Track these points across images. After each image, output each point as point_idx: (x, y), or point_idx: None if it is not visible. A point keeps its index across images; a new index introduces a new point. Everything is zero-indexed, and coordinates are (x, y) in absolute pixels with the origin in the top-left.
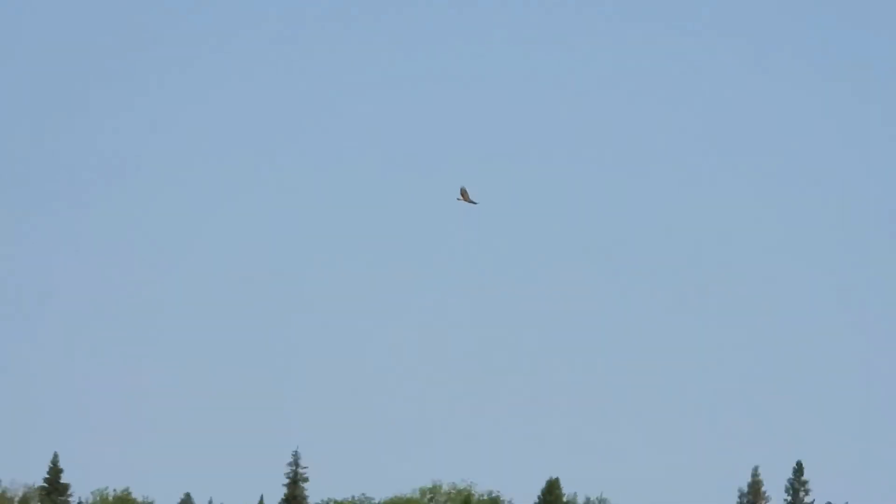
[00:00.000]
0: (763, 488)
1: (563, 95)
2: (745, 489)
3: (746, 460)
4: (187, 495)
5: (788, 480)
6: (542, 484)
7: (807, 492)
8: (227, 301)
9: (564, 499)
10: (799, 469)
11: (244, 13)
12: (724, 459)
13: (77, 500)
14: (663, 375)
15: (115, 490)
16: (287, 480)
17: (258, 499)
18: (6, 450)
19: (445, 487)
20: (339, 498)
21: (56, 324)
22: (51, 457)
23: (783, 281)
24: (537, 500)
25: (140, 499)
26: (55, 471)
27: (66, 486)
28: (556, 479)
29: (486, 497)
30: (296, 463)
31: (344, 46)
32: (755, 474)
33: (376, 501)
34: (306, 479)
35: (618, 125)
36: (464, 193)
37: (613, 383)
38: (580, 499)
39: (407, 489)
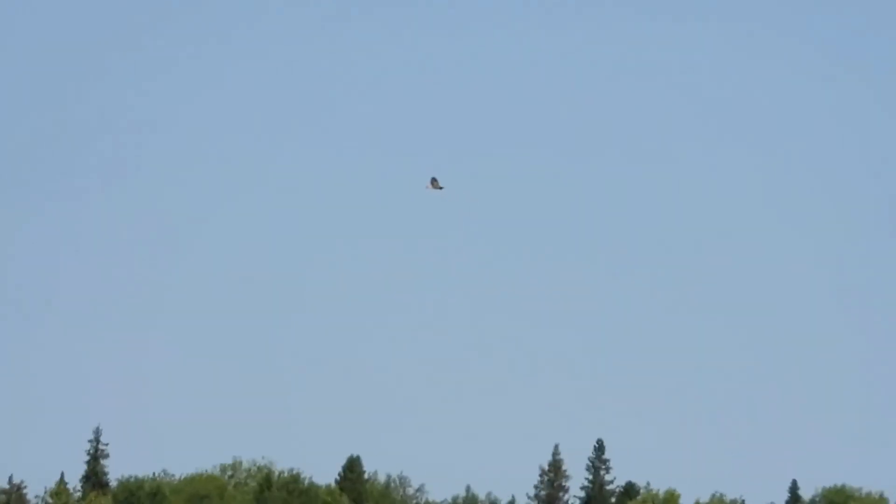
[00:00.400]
0: (564, 467)
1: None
2: (547, 467)
3: (547, 439)
4: None
5: (589, 459)
6: (343, 462)
7: (608, 470)
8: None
9: (365, 476)
10: (600, 447)
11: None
12: (526, 438)
13: None
14: (464, 355)
15: None
16: (88, 457)
17: (59, 475)
18: None
19: (246, 465)
20: (139, 475)
21: None
22: None
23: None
24: (338, 478)
25: None
26: None
27: None
28: (357, 457)
29: (286, 475)
30: (97, 440)
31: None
32: (556, 453)
33: (177, 478)
34: (107, 456)
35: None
36: (433, 182)
37: (413, 363)
38: (381, 476)
39: (207, 466)
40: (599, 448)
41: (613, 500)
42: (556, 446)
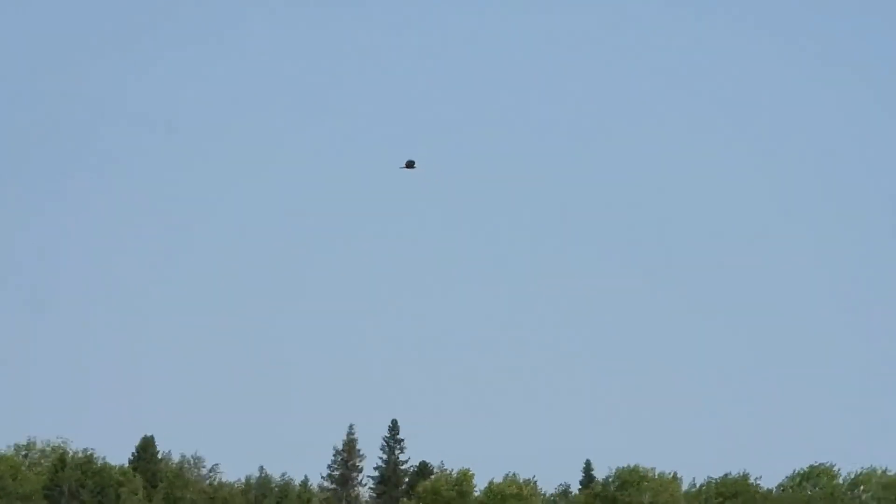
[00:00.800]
0: (358, 446)
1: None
2: (341, 447)
3: (342, 419)
4: None
5: (384, 439)
6: (137, 442)
7: (402, 450)
8: None
9: (159, 456)
10: (394, 427)
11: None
12: (320, 418)
13: None
14: (258, 334)
15: None
16: None
17: None
18: None
19: (40, 444)
20: None
21: None
22: None
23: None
24: (132, 458)
25: None
26: None
27: None
28: (151, 437)
29: (80, 455)
30: None
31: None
32: (350, 432)
33: None
34: None
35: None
36: (408, 164)
37: (206, 343)
38: (175, 457)
39: (1, 446)
40: (394, 428)
41: (407, 479)
42: (351, 426)
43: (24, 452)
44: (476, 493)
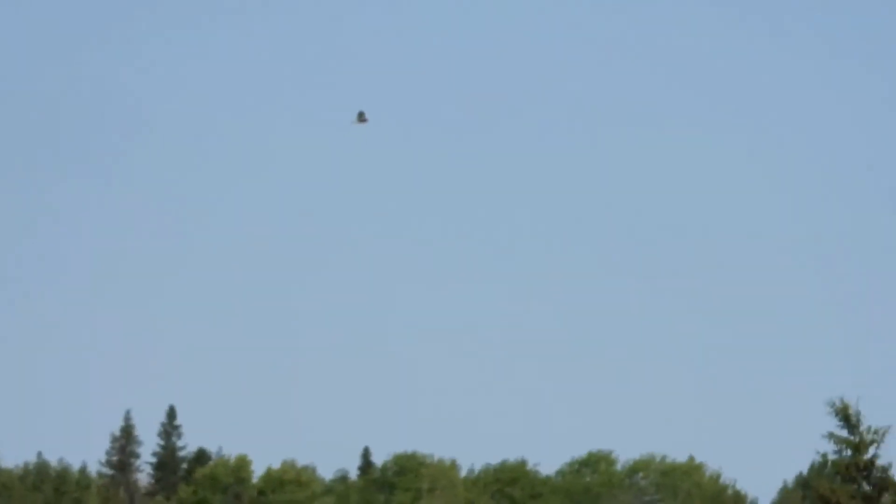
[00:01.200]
0: (135, 433)
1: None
2: (118, 433)
3: (119, 405)
4: None
5: (161, 424)
6: None
7: (179, 436)
8: None
9: None
10: (171, 413)
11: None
12: (97, 404)
13: None
14: (44, 315)
15: None
16: None
17: None
18: None
19: None
20: None
21: None
22: None
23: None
24: None
25: None
26: None
27: None
28: None
29: None
30: None
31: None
32: (127, 418)
33: None
34: None
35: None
36: (360, 116)
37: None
38: None
39: None
40: (171, 414)
41: (185, 465)
42: (128, 412)
43: None
44: (254, 480)
